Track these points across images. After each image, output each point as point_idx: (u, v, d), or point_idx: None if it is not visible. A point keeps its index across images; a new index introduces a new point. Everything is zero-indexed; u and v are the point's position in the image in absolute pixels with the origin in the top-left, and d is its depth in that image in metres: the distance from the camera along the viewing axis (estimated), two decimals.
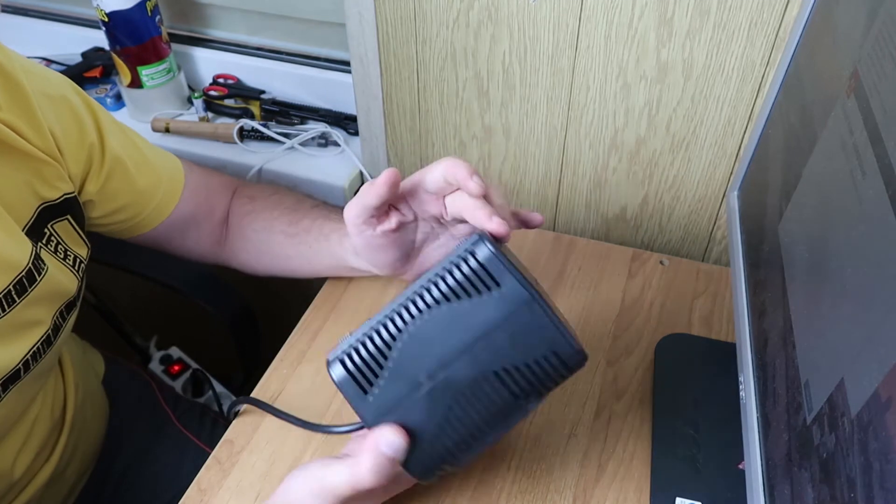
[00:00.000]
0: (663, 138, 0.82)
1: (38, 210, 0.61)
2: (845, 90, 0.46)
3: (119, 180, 0.69)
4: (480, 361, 0.47)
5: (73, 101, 0.65)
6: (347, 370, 0.48)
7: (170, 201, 0.73)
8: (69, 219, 0.65)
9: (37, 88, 0.61)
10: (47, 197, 0.62)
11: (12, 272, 0.58)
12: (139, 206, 0.71)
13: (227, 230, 0.79)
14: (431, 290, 0.47)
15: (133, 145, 0.71)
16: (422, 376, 0.48)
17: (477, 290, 0.47)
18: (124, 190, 0.70)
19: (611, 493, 0.62)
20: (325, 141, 1.02)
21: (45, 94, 0.62)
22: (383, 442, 0.47)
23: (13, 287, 0.58)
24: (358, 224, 0.59)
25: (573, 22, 0.76)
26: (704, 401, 0.68)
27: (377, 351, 0.48)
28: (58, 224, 0.64)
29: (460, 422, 0.49)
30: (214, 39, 1.15)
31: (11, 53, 0.60)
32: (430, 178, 0.55)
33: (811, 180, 0.51)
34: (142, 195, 0.71)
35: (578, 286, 0.81)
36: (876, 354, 0.35)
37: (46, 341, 0.63)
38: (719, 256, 0.91)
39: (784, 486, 0.44)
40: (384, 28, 0.85)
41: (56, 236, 0.64)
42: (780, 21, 0.70)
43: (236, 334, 0.92)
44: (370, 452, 0.47)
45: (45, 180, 0.62)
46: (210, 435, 0.87)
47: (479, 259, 0.47)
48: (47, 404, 0.73)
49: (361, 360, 0.48)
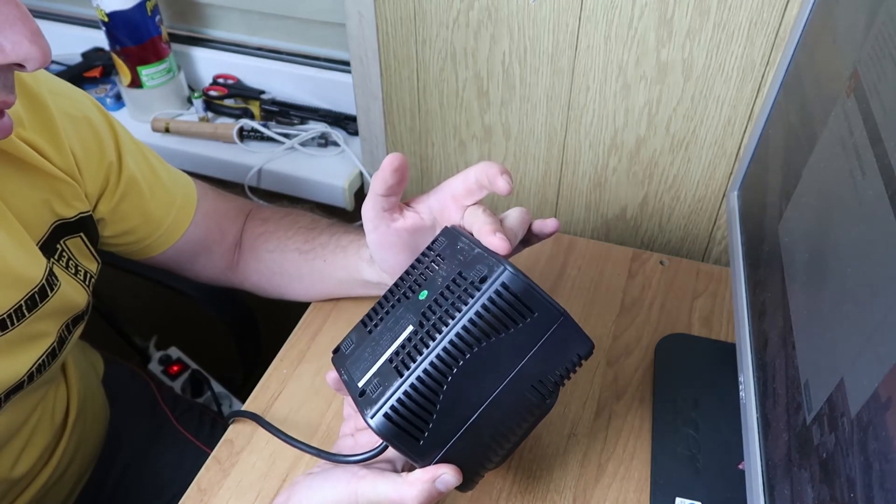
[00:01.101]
0: (663, 138, 0.82)
1: (53, 227, 0.62)
2: (845, 90, 0.46)
3: (132, 202, 0.69)
4: (522, 382, 0.49)
5: (95, 120, 0.66)
6: (397, 425, 0.47)
7: (180, 227, 0.73)
8: (82, 236, 0.66)
9: (61, 108, 0.62)
10: (63, 215, 0.63)
11: (26, 287, 0.58)
12: (149, 228, 0.72)
13: (239, 254, 0.79)
14: (470, 331, 0.46)
15: (149, 167, 0.71)
16: (468, 411, 0.48)
17: (515, 322, 0.47)
18: (136, 212, 0.70)
19: (611, 493, 0.62)
20: (325, 141, 1.02)
21: (69, 115, 0.63)
22: (440, 481, 0.47)
23: (25, 302, 0.58)
24: (372, 218, 0.59)
25: (573, 22, 0.76)
26: (704, 401, 0.68)
27: (424, 400, 0.47)
28: (70, 240, 0.64)
29: (503, 436, 0.50)
30: (214, 39, 1.15)
31: (40, 75, 0.61)
32: (461, 179, 0.56)
33: (811, 180, 0.51)
34: (152, 218, 0.71)
35: (578, 286, 0.81)
36: (876, 354, 0.35)
37: (52, 354, 0.63)
38: (719, 256, 0.91)
39: (784, 486, 0.44)
40: (384, 28, 0.85)
41: (68, 252, 0.64)
42: (780, 21, 0.70)
43: (236, 335, 0.92)
44: (424, 484, 0.47)
45: (63, 199, 0.62)
46: (209, 435, 0.87)
47: (516, 292, 0.46)
48: (49, 409, 0.73)
49: (409, 412, 0.47)
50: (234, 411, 0.67)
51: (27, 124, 0.59)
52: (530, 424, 0.51)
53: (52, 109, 0.61)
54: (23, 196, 0.59)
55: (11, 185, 0.58)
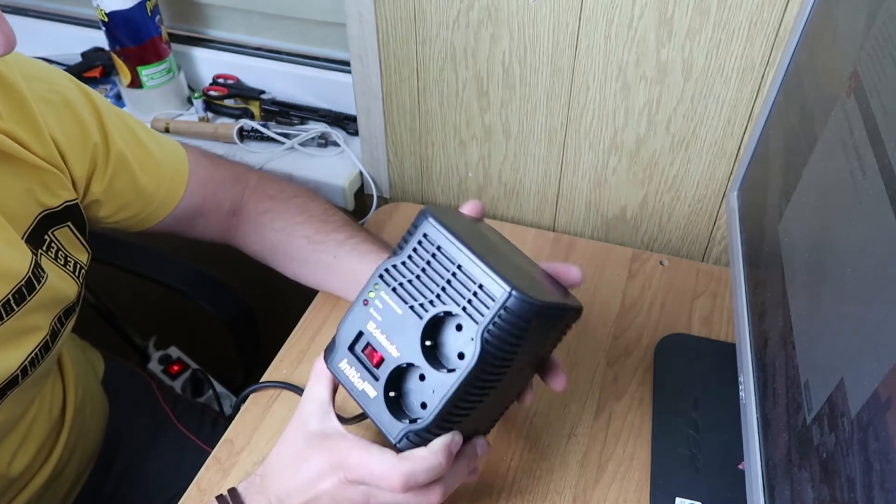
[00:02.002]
0: (663, 138, 0.82)
1: (39, 217, 0.61)
2: (845, 90, 0.46)
3: (123, 179, 0.69)
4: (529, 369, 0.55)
5: (74, 101, 0.65)
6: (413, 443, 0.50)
7: (173, 198, 0.73)
8: (70, 225, 0.65)
9: (37, 94, 0.61)
10: (48, 204, 0.62)
11: (11, 281, 0.58)
12: (142, 203, 0.71)
13: (238, 222, 0.78)
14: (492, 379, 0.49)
15: (137, 141, 0.70)
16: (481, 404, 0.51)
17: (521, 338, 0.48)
18: (128, 188, 0.70)
19: (611, 493, 0.62)
20: (325, 141, 1.02)
21: (46, 100, 0.62)
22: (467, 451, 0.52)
23: (12, 296, 0.58)
24: None
25: (573, 22, 0.76)
26: (704, 401, 0.68)
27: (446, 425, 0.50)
28: (58, 231, 0.64)
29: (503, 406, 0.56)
30: (214, 39, 1.15)
31: (10, 59, 0.59)
32: None
33: (811, 180, 0.51)
34: (144, 192, 0.71)
35: (578, 286, 0.81)
36: (876, 354, 0.35)
37: (44, 347, 0.63)
38: (719, 256, 0.91)
39: (784, 486, 0.44)
40: (384, 28, 0.85)
41: (56, 243, 0.64)
42: (780, 21, 0.70)
43: (236, 334, 0.91)
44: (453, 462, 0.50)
45: (47, 188, 0.62)
46: (210, 435, 0.87)
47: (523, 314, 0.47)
48: (45, 405, 0.73)
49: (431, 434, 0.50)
50: (257, 385, 0.70)
51: (3, 114, 0.57)
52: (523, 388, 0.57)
53: (27, 96, 0.59)
54: (5, 188, 0.58)
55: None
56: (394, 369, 0.49)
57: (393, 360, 0.49)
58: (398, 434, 0.49)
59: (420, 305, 0.48)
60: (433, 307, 0.48)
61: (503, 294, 0.45)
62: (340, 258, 0.71)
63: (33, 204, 0.61)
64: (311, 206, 0.76)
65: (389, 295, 0.50)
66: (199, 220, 0.76)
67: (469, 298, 0.47)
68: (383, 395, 0.49)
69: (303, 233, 0.74)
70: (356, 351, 0.51)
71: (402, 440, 0.49)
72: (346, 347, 0.52)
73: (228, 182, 0.78)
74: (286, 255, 0.75)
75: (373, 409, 0.50)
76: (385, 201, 1.02)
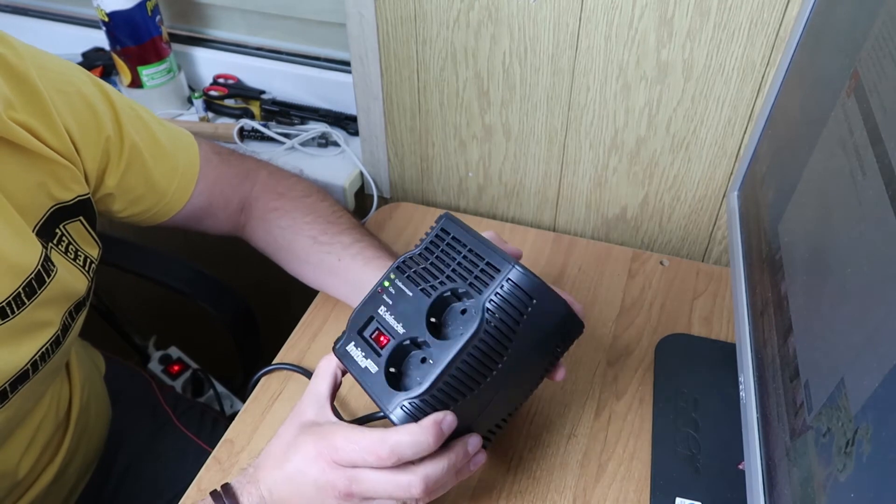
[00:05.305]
0: (663, 138, 0.82)
1: (51, 210, 0.61)
2: (845, 90, 0.46)
3: (136, 172, 0.68)
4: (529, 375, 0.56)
5: (88, 94, 0.64)
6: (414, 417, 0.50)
7: (184, 194, 0.73)
8: (82, 220, 0.65)
9: (51, 86, 0.60)
10: (60, 198, 0.62)
11: (22, 275, 0.58)
12: (154, 197, 0.71)
13: (246, 218, 0.78)
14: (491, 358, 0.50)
15: (149, 134, 0.70)
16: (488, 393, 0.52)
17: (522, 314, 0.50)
18: (140, 182, 0.69)
19: (611, 493, 0.62)
20: (326, 141, 1.02)
21: (60, 91, 0.61)
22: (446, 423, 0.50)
23: (23, 290, 0.58)
24: None
25: (573, 22, 0.76)
26: (704, 401, 0.68)
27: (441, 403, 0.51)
28: (70, 225, 0.63)
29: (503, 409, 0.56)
30: (214, 39, 1.15)
31: (24, 51, 0.59)
32: None
33: (811, 180, 0.51)
34: (157, 186, 0.71)
35: (578, 286, 0.81)
36: (876, 354, 0.35)
37: (56, 342, 0.63)
38: (719, 256, 0.91)
39: (784, 486, 0.44)
40: (384, 28, 0.85)
41: (68, 236, 0.63)
42: (780, 21, 0.70)
43: (236, 334, 0.91)
44: None
45: (60, 181, 0.61)
46: (210, 435, 0.87)
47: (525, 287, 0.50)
48: (53, 404, 0.73)
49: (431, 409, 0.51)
50: (268, 368, 0.71)
51: (17, 106, 0.57)
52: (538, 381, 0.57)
53: (41, 88, 0.59)
54: (18, 180, 0.58)
55: (5, 168, 0.56)
56: (397, 345, 0.51)
57: (398, 337, 0.52)
58: (394, 405, 0.50)
59: (430, 287, 0.52)
60: (442, 286, 0.51)
61: (507, 267, 0.49)
62: (344, 261, 0.71)
63: (45, 197, 0.61)
64: (320, 206, 0.76)
65: (403, 282, 0.53)
66: (209, 217, 0.77)
67: (476, 275, 0.50)
68: (384, 370, 0.51)
69: (309, 233, 0.74)
70: (364, 335, 0.54)
71: (397, 409, 0.50)
72: (355, 331, 0.54)
73: (238, 179, 0.78)
74: (290, 252, 0.75)
75: (372, 384, 0.51)
76: (385, 201, 1.02)
